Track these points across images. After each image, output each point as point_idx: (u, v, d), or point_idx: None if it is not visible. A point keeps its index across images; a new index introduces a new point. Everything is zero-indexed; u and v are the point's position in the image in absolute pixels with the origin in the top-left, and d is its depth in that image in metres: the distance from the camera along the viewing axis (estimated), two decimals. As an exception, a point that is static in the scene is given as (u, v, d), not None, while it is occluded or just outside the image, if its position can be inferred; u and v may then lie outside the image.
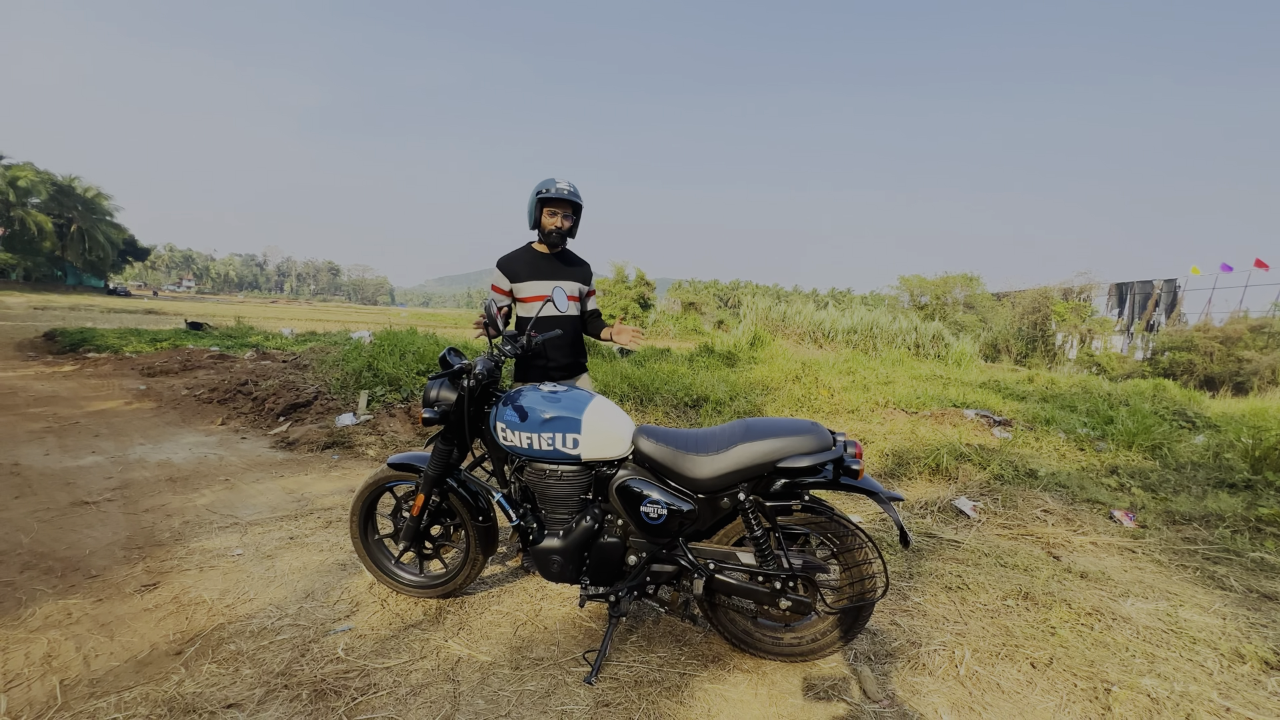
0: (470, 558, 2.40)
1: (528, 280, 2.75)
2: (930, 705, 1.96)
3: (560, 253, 2.82)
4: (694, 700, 1.94)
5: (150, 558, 2.77)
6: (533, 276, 2.75)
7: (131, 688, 1.87)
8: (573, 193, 2.63)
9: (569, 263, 2.85)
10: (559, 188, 2.61)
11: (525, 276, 2.76)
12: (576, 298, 2.81)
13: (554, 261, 2.79)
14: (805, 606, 1.99)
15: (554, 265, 2.79)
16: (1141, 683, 2.06)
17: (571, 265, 2.85)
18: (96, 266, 45.40)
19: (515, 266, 2.78)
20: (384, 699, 1.88)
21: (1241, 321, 17.03)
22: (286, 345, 10.22)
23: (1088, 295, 21.63)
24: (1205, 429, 6.48)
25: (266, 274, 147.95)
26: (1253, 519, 3.60)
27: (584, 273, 2.88)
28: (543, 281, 2.73)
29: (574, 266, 2.86)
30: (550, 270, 2.77)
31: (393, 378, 6.25)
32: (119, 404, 6.13)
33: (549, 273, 2.76)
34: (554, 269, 2.78)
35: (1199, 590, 2.85)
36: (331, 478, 4.15)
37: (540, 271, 2.76)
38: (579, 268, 2.88)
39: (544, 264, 2.78)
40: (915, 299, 26.57)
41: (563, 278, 2.77)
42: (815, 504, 2.00)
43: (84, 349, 9.71)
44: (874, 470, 4.77)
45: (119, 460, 4.25)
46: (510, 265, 2.79)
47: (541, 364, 2.77)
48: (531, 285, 2.74)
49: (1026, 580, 2.83)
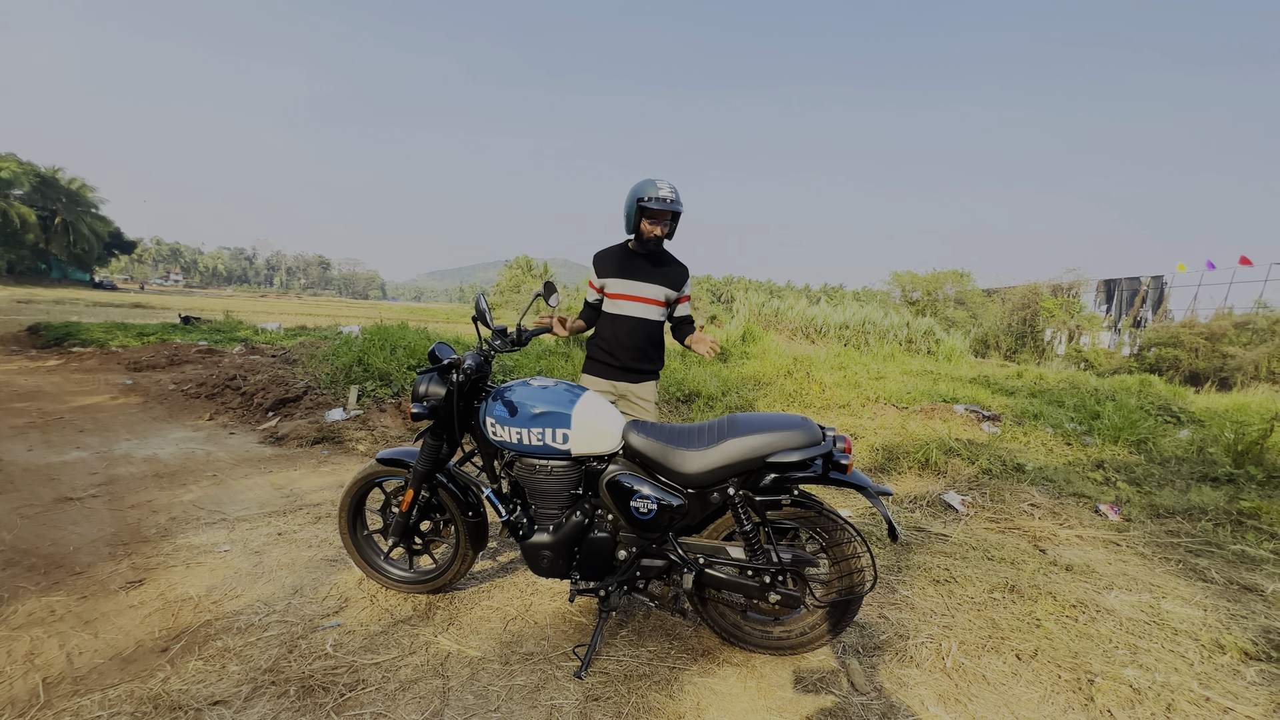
0: (460, 553, 2.39)
1: (614, 278, 2.75)
2: (917, 697, 1.98)
3: (652, 254, 2.75)
4: (683, 694, 1.95)
5: (136, 554, 2.74)
6: (620, 275, 2.74)
7: (116, 685, 1.85)
8: (674, 201, 2.55)
9: (660, 264, 2.77)
10: (661, 196, 2.52)
11: (613, 274, 2.75)
12: (661, 302, 2.76)
13: (644, 263, 2.74)
14: (794, 600, 2.00)
15: (643, 266, 2.74)
16: (1124, 673, 2.09)
17: (662, 267, 2.77)
18: (82, 260, 44.72)
19: (606, 264, 2.77)
20: (372, 694, 1.87)
21: (1226, 318, 17.24)
22: (275, 340, 10.12)
23: (1076, 292, 21.82)
24: (1189, 424, 6.57)
25: (256, 268, 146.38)
26: (1234, 512, 3.66)
27: (675, 276, 2.79)
28: (628, 281, 2.72)
29: (665, 268, 2.77)
30: (638, 271, 2.73)
31: (383, 372, 6.21)
32: (104, 399, 6.06)
33: (636, 273, 2.73)
34: (643, 270, 2.74)
35: (1181, 582, 2.89)
36: (321, 473, 4.13)
37: (628, 271, 2.73)
38: (671, 270, 2.79)
39: (633, 264, 2.74)
40: (907, 295, 26.70)
41: (650, 279, 2.73)
42: (804, 498, 2.01)
43: (69, 343, 9.57)
44: (865, 465, 4.80)
45: (104, 456, 4.20)
46: (602, 262, 2.79)
47: (607, 361, 2.79)
48: (617, 283, 2.74)
49: (1013, 573, 2.86)
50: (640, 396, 2.84)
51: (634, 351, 2.77)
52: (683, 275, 2.82)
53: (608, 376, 2.81)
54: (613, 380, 2.81)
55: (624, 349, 2.76)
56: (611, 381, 2.82)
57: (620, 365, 2.78)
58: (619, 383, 2.82)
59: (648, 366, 2.83)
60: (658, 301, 2.76)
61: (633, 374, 2.81)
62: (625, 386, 2.82)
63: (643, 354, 2.79)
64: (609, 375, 2.81)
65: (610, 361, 2.79)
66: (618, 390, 2.82)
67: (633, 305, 2.75)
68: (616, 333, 2.77)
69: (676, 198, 2.55)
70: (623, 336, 2.76)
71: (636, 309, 2.75)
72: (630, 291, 2.73)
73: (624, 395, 2.83)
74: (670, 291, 2.78)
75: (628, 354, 2.76)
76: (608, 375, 2.81)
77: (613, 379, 2.81)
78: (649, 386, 2.87)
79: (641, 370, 2.82)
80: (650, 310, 2.76)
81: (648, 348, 2.80)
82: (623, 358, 2.77)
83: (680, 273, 2.81)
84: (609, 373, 2.81)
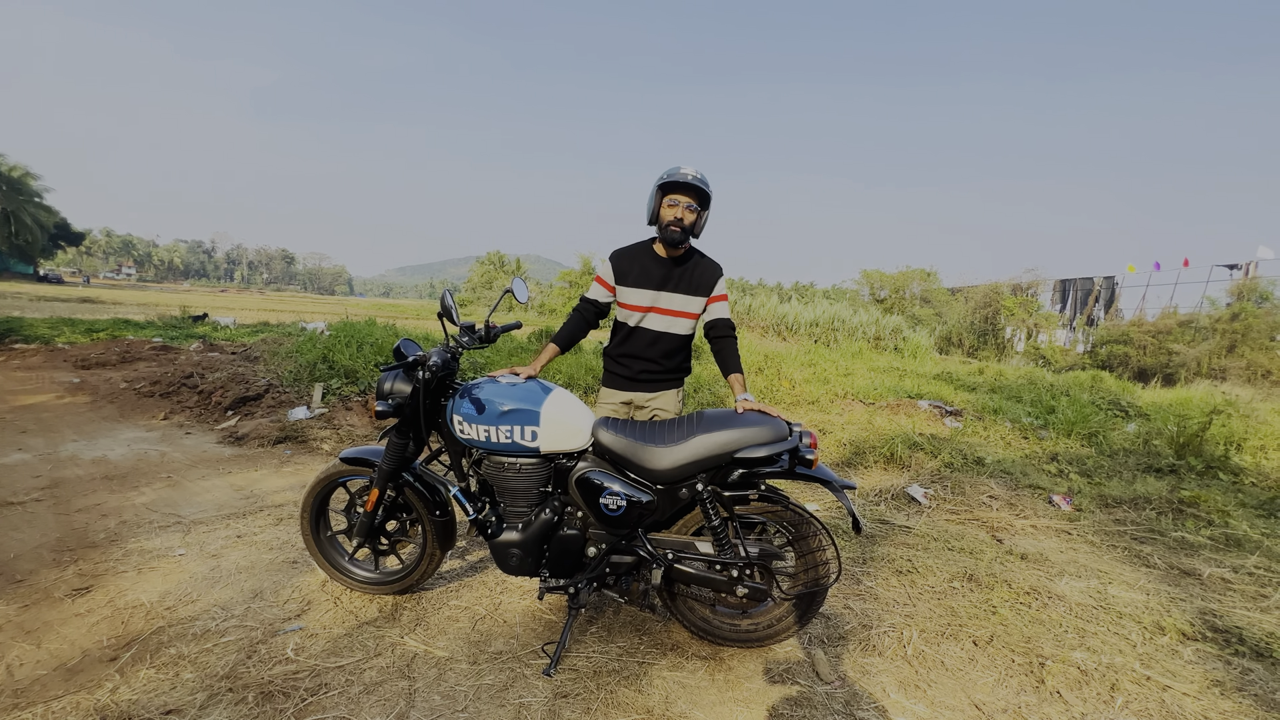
0: (427, 553, 2.36)
1: (632, 286, 2.42)
2: (879, 684, 2.04)
3: (680, 256, 2.42)
4: (652, 688, 1.97)
5: (83, 560, 2.62)
6: (639, 283, 2.41)
7: (60, 697, 1.77)
8: (700, 179, 2.26)
9: (689, 268, 2.43)
10: (684, 172, 2.26)
11: (631, 280, 2.42)
12: (693, 314, 2.46)
13: (668, 267, 2.40)
14: (762, 593, 2.03)
15: (667, 271, 2.40)
16: (1072, 656, 2.19)
17: (692, 271, 2.43)
18: (25, 251, 42.29)
19: (625, 264, 2.44)
20: (335, 699, 1.84)
21: (1171, 317, 18.14)
22: (236, 336, 9.78)
23: (1035, 291, 22.66)
24: (1137, 418, 6.90)
25: (215, 261, 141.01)
26: (1175, 501, 3.87)
27: (704, 278, 2.43)
28: (652, 292, 2.41)
29: (695, 272, 2.43)
30: (662, 277, 2.40)
31: (349, 370, 6.07)
32: (50, 398, 5.76)
33: (659, 280, 2.40)
34: (666, 275, 2.40)
35: (1126, 568, 3.04)
36: (283, 473, 4.01)
37: (649, 277, 2.40)
38: (700, 272, 2.43)
39: (656, 269, 2.40)
40: (875, 293, 27.32)
41: (678, 288, 2.41)
42: (771, 493, 2.04)
43: (10, 339, 9.05)
44: (832, 460, 4.90)
45: (48, 458, 4.00)
46: (620, 261, 2.44)
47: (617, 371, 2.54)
48: (633, 293, 2.42)
49: (972, 563, 2.97)
50: (658, 407, 2.55)
51: (650, 362, 2.50)
52: (714, 274, 2.45)
53: (621, 388, 2.55)
54: (628, 391, 2.55)
55: (637, 359, 2.49)
56: (627, 393, 2.55)
57: (630, 376, 2.52)
58: (635, 393, 2.55)
59: (671, 376, 2.55)
60: (688, 314, 2.45)
61: (645, 384, 2.53)
62: (643, 397, 2.55)
63: (667, 361, 2.51)
64: (622, 386, 2.55)
65: (621, 372, 2.53)
66: (636, 401, 2.56)
67: (658, 319, 2.45)
68: (634, 345, 2.49)
69: (702, 177, 2.28)
70: (640, 349, 2.48)
71: (661, 322, 2.45)
72: (655, 304, 2.42)
73: (641, 406, 2.56)
74: (702, 300, 2.45)
75: (639, 364, 2.50)
76: (621, 386, 2.55)
77: (627, 390, 2.55)
78: (669, 395, 2.56)
79: (668, 379, 2.55)
80: (678, 324, 2.45)
81: (675, 354, 2.53)
82: (634, 368, 2.51)
83: (711, 271, 2.45)
84: (622, 384, 2.55)
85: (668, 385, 2.56)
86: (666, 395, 2.56)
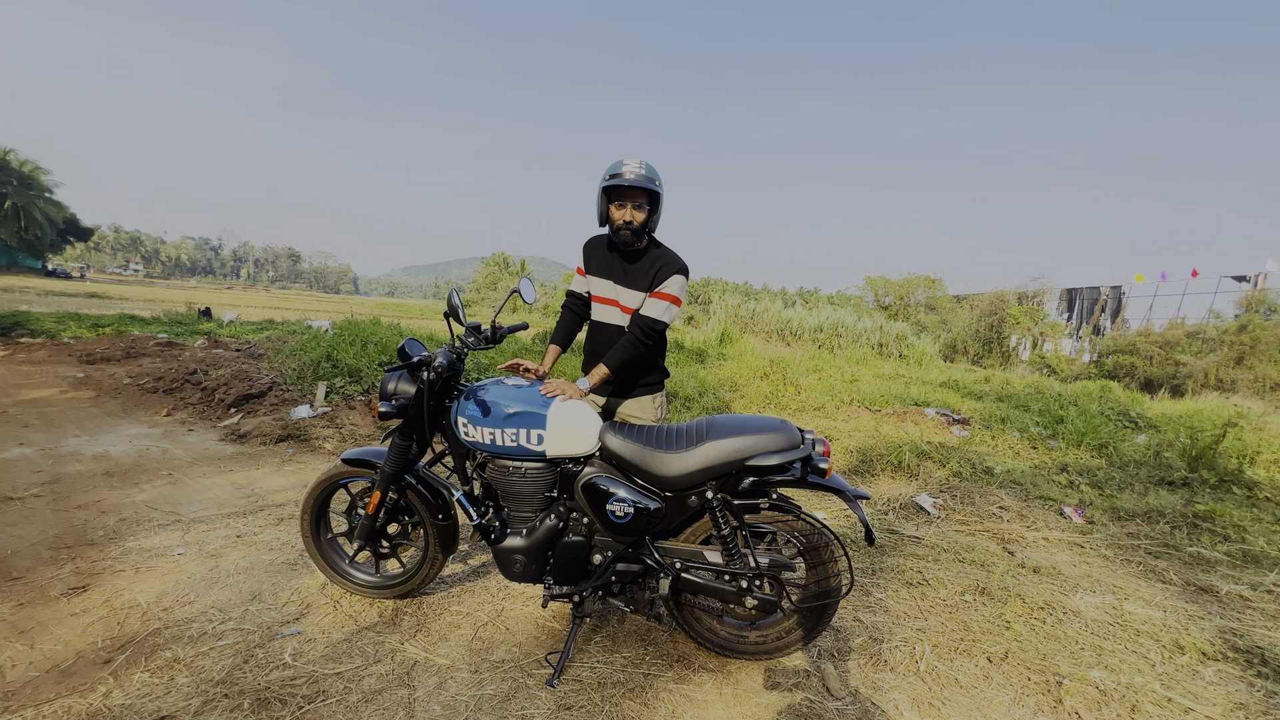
0: (429, 557, 2.31)
1: (596, 275, 2.37)
2: (891, 701, 1.98)
3: (635, 250, 2.28)
4: (658, 701, 1.91)
5: (80, 558, 2.58)
6: (601, 273, 2.36)
7: (52, 700, 1.73)
8: (643, 178, 2.12)
9: (643, 261, 2.28)
10: (626, 169, 2.12)
11: (595, 269, 2.37)
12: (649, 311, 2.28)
13: (622, 260, 2.31)
14: (771, 605, 1.98)
15: (621, 265, 2.31)
16: (1090, 675, 2.12)
17: (643, 263, 2.28)
18: (33, 246, 42.55)
19: (591, 252, 2.39)
20: (333, 707, 1.79)
21: (1179, 327, 17.99)
22: (240, 333, 9.77)
23: (1040, 299, 22.52)
24: (1147, 429, 6.81)
25: (222, 259, 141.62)
26: (1190, 515, 3.79)
27: (653, 270, 2.26)
28: (606, 282, 2.35)
29: (646, 264, 2.27)
30: (617, 270, 2.32)
31: (353, 369, 6.03)
32: (53, 392, 5.74)
33: (615, 272, 2.32)
34: (620, 269, 2.31)
35: (1142, 584, 2.97)
36: (285, 472, 3.97)
37: (608, 269, 2.34)
38: (653, 265, 2.26)
39: (614, 263, 2.33)
40: (879, 299, 27.22)
41: (629, 281, 2.30)
42: (783, 502, 1.99)
43: (16, 333, 9.06)
44: (840, 467, 4.84)
45: (50, 453, 3.97)
46: (588, 249, 2.39)
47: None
48: (598, 283, 2.38)
49: (983, 575, 2.90)
50: (630, 414, 2.42)
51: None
52: (667, 269, 2.24)
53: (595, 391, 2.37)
54: (600, 396, 2.44)
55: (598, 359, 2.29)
56: (600, 397, 2.45)
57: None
58: (607, 398, 2.45)
59: (633, 379, 2.40)
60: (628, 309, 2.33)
61: (614, 386, 2.40)
62: (613, 402, 2.44)
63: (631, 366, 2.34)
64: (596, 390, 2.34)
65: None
66: (608, 408, 2.46)
67: (609, 310, 2.36)
68: (595, 343, 2.40)
69: (645, 173, 2.13)
70: (600, 346, 2.36)
71: (612, 315, 2.35)
72: (607, 294, 2.35)
73: (613, 413, 2.45)
74: (639, 293, 2.30)
75: None
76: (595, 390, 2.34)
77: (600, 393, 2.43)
78: (642, 402, 2.43)
79: (625, 382, 2.39)
80: (627, 318, 2.32)
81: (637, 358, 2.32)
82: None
83: (665, 267, 2.24)
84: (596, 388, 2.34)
85: (640, 390, 2.42)
86: (639, 401, 2.43)
